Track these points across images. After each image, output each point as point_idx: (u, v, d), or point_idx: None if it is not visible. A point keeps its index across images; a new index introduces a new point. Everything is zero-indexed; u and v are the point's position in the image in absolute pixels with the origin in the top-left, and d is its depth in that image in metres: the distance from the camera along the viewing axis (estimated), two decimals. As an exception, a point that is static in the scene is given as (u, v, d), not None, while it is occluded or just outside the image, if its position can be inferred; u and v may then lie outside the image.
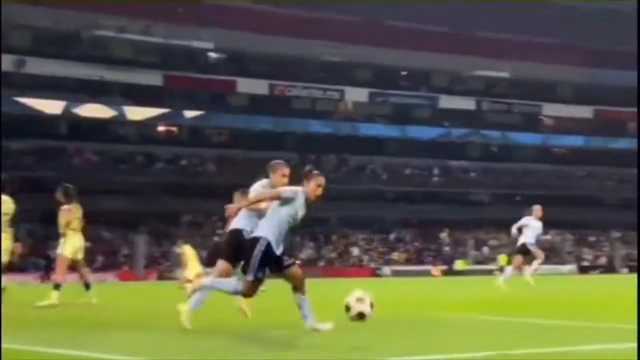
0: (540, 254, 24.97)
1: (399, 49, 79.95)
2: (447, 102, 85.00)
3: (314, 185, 10.46)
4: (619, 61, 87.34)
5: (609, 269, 68.31)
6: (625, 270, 65.33)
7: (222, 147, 75.49)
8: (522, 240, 24.86)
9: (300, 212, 10.43)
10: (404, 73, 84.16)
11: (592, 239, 76.02)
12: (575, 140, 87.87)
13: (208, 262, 25.05)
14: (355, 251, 68.56)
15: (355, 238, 70.85)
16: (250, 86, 77.55)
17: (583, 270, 67.81)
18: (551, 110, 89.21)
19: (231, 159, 73.41)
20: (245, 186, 11.85)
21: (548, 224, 27.58)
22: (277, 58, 77.75)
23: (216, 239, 52.15)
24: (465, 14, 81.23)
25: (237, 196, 12.47)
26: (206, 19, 73.43)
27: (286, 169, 11.16)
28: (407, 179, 79.51)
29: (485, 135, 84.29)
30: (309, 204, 10.50)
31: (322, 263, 64.99)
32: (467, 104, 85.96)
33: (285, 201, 10.33)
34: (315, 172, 10.62)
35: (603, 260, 72.87)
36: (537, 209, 25.08)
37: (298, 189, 10.44)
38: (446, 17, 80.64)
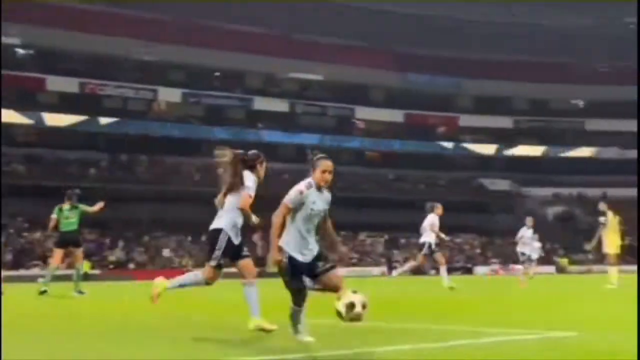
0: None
1: (213, 50, 79.90)
2: (261, 103, 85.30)
3: (319, 173, 9.92)
4: (429, 66, 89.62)
5: (418, 271, 69.40)
6: (433, 272, 66.76)
7: (31, 146, 73.40)
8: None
9: (317, 205, 9.90)
10: (218, 74, 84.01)
11: (402, 241, 77.34)
12: (387, 144, 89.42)
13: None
14: (166, 253, 67.79)
15: (167, 240, 70.07)
16: (60, 84, 75.83)
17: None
18: (363, 113, 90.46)
19: (40, 159, 71.61)
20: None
21: (362, 226, 28.36)
22: (88, 56, 76.47)
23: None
24: (280, 15, 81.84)
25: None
26: (13, 14, 71.20)
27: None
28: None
29: (300, 137, 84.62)
30: (321, 190, 9.98)
31: (132, 265, 63.97)
32: (281, 106, 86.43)
33: (296, 208, 9.83)
34: (320, 156, 10.08)
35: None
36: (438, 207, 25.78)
37: (301, 186, 9.89)
38: (261, 18, 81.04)
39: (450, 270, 32.20)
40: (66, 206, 22.69)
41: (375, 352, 8.68)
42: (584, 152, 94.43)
